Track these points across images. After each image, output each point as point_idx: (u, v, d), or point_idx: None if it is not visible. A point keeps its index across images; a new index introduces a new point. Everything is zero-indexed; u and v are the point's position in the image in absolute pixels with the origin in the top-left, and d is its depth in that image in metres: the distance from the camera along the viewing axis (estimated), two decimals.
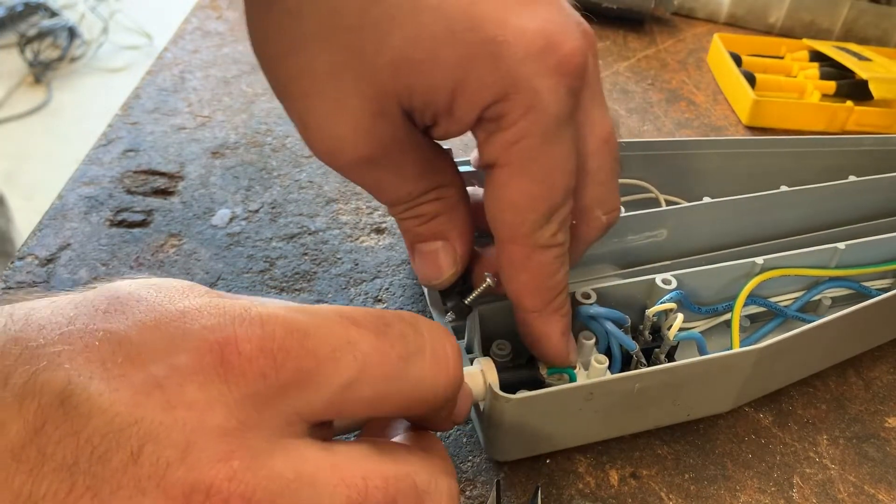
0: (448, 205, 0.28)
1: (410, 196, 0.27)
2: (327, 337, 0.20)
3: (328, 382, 0.19)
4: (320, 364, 0.19)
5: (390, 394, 0.20)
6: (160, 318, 0.19)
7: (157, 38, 2.06)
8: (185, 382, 0.18)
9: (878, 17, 0.68)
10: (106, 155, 0.45)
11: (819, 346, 0.35)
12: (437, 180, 0.27)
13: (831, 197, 0.42)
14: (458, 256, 0.29)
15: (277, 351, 0.19)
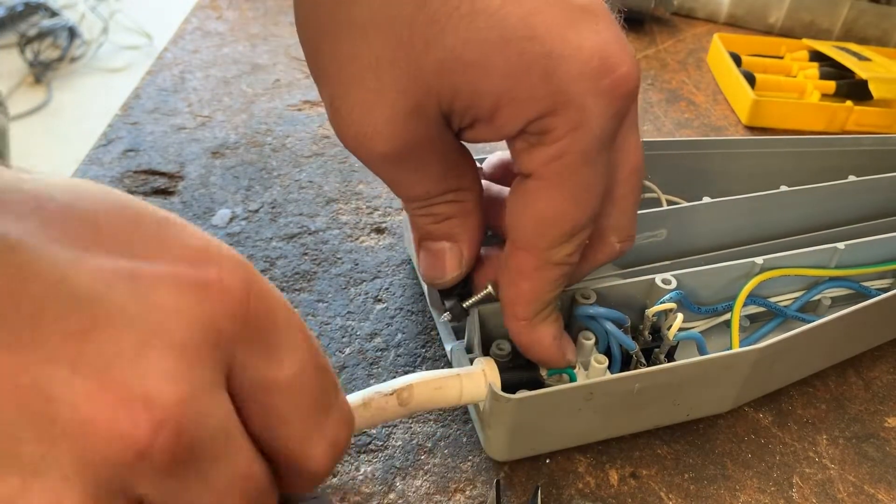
0: (463, 209, 0.28)
1: (428, 195, 0.27)
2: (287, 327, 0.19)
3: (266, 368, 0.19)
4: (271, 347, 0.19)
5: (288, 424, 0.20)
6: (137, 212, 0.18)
7: (157, 38, 2.06)
8: (161, 284, 0.17)
9: (878, 17, 0.68)
10: (106, 155, 0.45)
11: (819, 346, 0.35)
12: (457, 183, 0.27)
13: (831, 197, 0.42)
14: (463, 260, 0.29)
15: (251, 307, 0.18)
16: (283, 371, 0.19)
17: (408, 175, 0.26)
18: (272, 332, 0.19)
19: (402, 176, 0.27)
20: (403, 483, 0.30)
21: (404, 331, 0.37)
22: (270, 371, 0.19)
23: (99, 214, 0.17)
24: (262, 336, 0.19)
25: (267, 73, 0.55)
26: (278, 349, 0.19)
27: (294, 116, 0.51)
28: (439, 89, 0.23)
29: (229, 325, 0.18)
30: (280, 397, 0.19)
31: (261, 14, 0.63)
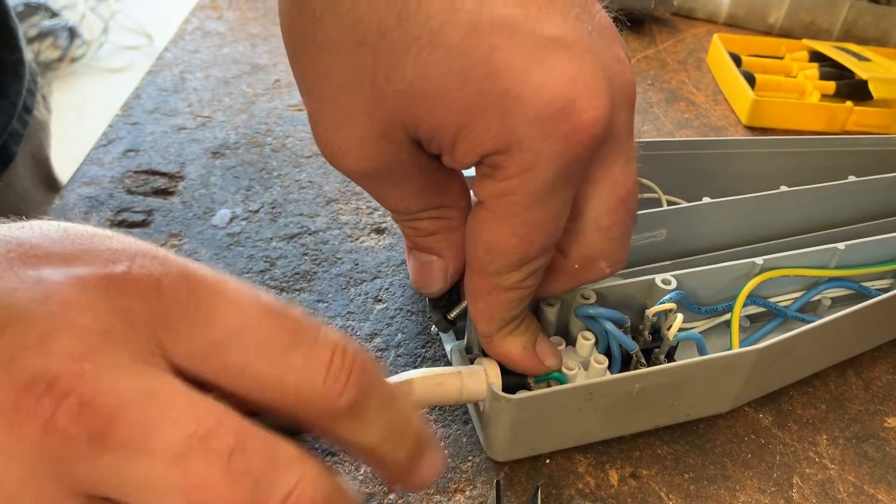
0: (447, 225, 0.28)
1: (409, 211, 0.28)
2: (220, 293, 0.19)
3: (202, 333, 0.19)
4: (201, 312, 0.19)
5: (259, 373, 0.19)
6: (69, 233, 0.20)
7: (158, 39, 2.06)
8: (67, 284, 0.18)
9: (877, 17, 0.68)
10: (106, 155, 0.46)
11: (819, 347, 0.35)
12: (440, 201, 0.27)
13: (831, 197, 0.42)
14: (448, 274, 0.29)
15: (166, 287, 0.19)
16: (219, 331, 0.19)
17: (387, 191, 0.27)
18: (198, 303, 0.19)
19: (381, 192, 0.27)
20: None
21: (404, 331, 0.37)
22: (207, 334, 0.19)
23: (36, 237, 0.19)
24: (186, 309, 0.19)
25: (267, 73, 0.55)
26: (210, 314, 0.19)
27: (294, 116, 0.51)
28: (403, 116, 0.23)
29: (141, 306, 0.19)
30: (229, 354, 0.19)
31: (261, 14, 0.63)
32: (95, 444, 0.17)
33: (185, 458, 0.17)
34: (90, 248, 0.19)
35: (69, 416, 0.17)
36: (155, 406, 0.18)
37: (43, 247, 0.19)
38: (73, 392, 0.17)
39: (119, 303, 0.18)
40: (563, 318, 0.33)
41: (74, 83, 1.93)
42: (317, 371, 0.19)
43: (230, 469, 0.17)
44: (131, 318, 0.18)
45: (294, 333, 0.20)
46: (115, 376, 0.18)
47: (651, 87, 0.60)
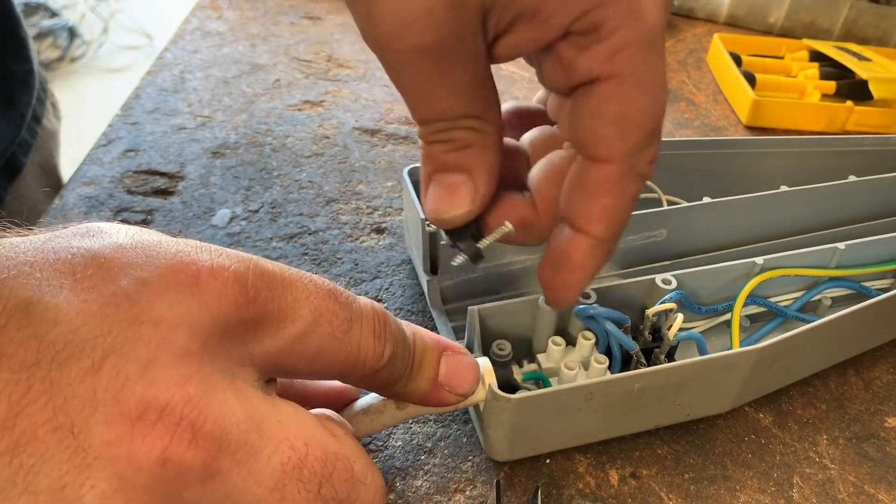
0: (484, 139, 0.26)
1: (448, 114, 0.25)
2: (291, 287, 0.21)
3: (287, 329, 0.20)
4: (284, 311, 0.20)
5: (330, 352, 0.21)
6: (136, 241, 0.20)
7: (158, 39, 2.06)
8: (155, 298, 0.18)
9: (878, 17, 0.68)
10: (106, 155, 0.45)
11: (819, 346, 0.35)
12: (480, 108, 0.25)
13: (831, 197, 0.42)
14: (478, 195, 0.26)
15: (251, 286, 0.20)
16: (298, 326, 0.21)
17: (434, 82, 0.24)
18: (277, 301, 0.20)
19: (428, 82, 0.24)
20: (403, 483, 0.30)
21: None
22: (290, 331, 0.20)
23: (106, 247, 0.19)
24: (270, 309, 0.20)
25: (267, 73, 0.55)
26: (289, 311, 0.20)
27: (294, 116, 0.51)
28: None
29: (232, 310, 0.19)
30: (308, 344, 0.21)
31: (261, 14, 0.63)
32: (206, 472, 0.18)
33: (282, 488, 0.19)
34: (160, 251, 0.19)
35: (185, 444, 0.17)
36: (254, 429, 0.19)
37: (115, 258, 0.19)
38: (185, 419, 0.17)
39: (214, 314, 0.19)
40: (563, 318, 0.33)
41: (74, 83, 1.93)
42: (369, 340, 0.22)
43: (319, 497, 0.19)
44: (224, 330, 0.19)
45: (348, 310, 0.22)
46: (218, 400, 0.18)
47: None
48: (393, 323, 0.24)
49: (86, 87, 1.92)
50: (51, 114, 0.56)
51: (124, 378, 0.17)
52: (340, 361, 0.22)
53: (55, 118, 0.58)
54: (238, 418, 0.18)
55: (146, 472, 0.17)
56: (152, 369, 0.18)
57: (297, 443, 0.19)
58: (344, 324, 0.22)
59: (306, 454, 0.19)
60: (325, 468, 0.20)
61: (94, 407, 0.17)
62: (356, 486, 0.21)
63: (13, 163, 0.50)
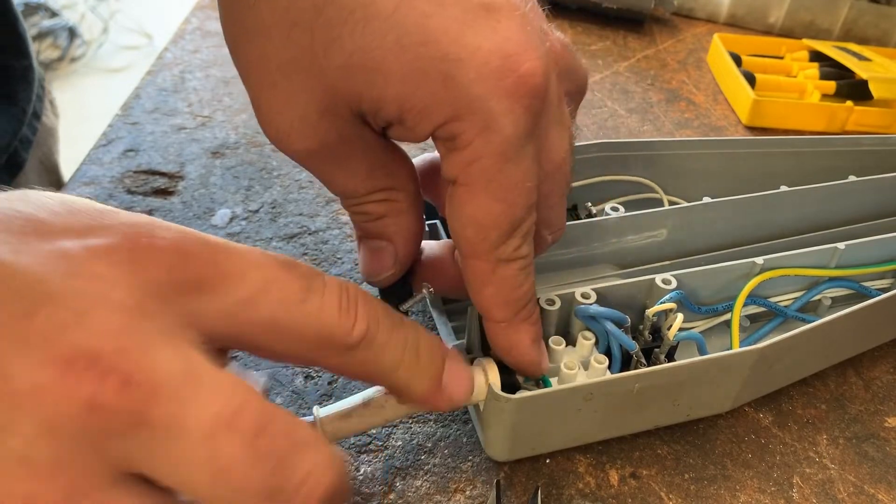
0: (396, 208, 0.28)
1: (357, 193, 0.27)
2: (237, 255, 0.21)
3: (230, 292, 0.20)
4: (226, 275, 0.20)
5: (285, 323, 0.21)
6: (77, 206, 0.20)
7: (157, 38, 2.06)
8: (93, 258, 0.19)
9: (878, 17, 0.68)
10: (106, 155, 0.45)
11: (819, 346, 0.35)
12: (387, 182, 0.27)
13: (831, 197, 0.42)
14: (397, 259, 0.29)
15: (189, 252, 0.20)
16: (245, 290, 0.21)
17: (333, 172, 0.27)
18: (221, 267, 0.20)
19: (327, 173, 0.27)
20: (403, 483, 0.30)
21: None
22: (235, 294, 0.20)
23: (40, 210, 0.19)
24: (212, 273, 0.20)
25: None
26: (234, 276, 0.20)
27: None
28: (345, 91, 0.23)
29: (168, 276, 0.19)
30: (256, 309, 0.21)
31: None
32: (135, 422, 0.18)
33: (213, 437, 0.18)
34: (102, 221, 0.20)
35: (113, 392, 0.17)
36: (188, 384, 0.18)
37: (52, 221, 0.19)
38: (116, 369, 0.17)
39: (147, 274, 0.19)
40: (563, 318, 0.33)
41: (74, 83, 1.93)
42: (331, 311, 0.22)
43: (254, 450, 0.19)
44: (161, 290, 0.19)
45: (307, 280, 0.22)
46: (152, 353, 0.18)
47: (651, 87, 0.60)
48: (371, 302, 0.23)
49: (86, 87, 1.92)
50: (49, 110, 0.57)
51: (58, 325, 0.17)
52: (300, 332, 0.21)
53: (54, 115, 0.58)
54: (172, 371, 0.18)
55: (73, 419, 0.17)
56: (87, 319, 0.18)
57: (233, 399, 0.19)
58: (300, 292, 0.21)
59: (242, 407, 0.19)
60: (261, 420, 0.19)
61: (25, 351, 0.17)
62: (297, 446, 0.20)
63: (15, 159, 0.50)
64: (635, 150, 0.41)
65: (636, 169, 0.41)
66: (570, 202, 0.41)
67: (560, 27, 0.66)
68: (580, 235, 0.37)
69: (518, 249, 0.26)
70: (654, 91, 0.59)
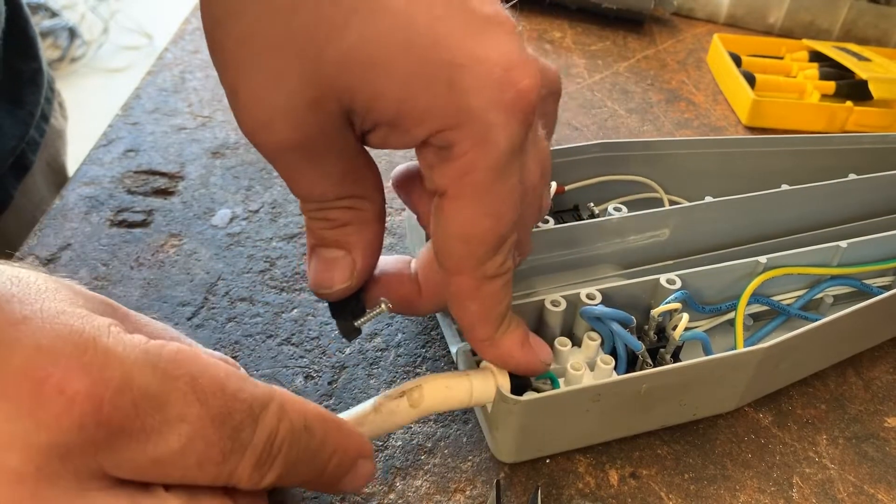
0: (361, 217, 0.27)
1: (324, 197, 0.26)
2: (164, 406, 0.19)
3: (144, 452, 0.19)
4: (144, 431, 0.19)
5: (193, 480, 0.20)
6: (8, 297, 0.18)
7: (158, 39, 2.06)
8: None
9: (877, 18, 0.68)
10: (106, 155, 0.45)
11: (823, 345, 0.35)
12: (356, 190, 0.26)
13: (832, 195, 0.42)
14: (356, 271, 0.27)
15: (107, 404, 0.18)
16: (160, 450, 0.19)
17: (305, 171, 0.25)
18: (140, 421, 0.19)
19: (298, 171, 0.25)
20: (403, 483, 0.30)
21: (404, 331, 0.37)
22: (148, 453, 0.19)
23: None
24: (129, 429, 0.19)
25: None
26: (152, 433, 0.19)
27: None
28: (340, 84, 0.22)
29: (76, 437, 0.18)
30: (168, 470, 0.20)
31: None
32: None
33: None
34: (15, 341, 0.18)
35: None
36: None
37: None
38: None
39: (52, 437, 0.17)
40: (568, 319, 0.33)
41: (74, 83, 1.93)
42: (244, 471, 0.21)
43: None
44: (65, 451, 0.18)
45: (233, 439, 0.21)
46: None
47: (651, 87, 0.60)
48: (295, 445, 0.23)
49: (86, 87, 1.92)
50: (58, 112, 0.56)
51: None
52: (208, 486, 0.21)
53: (62, 117, 0.58)
54: None
55: None
56: None
57: None
58: (219, 454, 0.20)
59: None
60: None
61: None
62: None
63: (22, 161, 0.50)
64: (635, 150, 0.41)
65: (636, 169, 0.41)
66: (571, 202, 0.41)
67: (560, 27, 0.66)
68: (583, 236, 0.37)
69: (503, 265, 0.25)
70: (653, 91, 0.59)
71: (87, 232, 0.40)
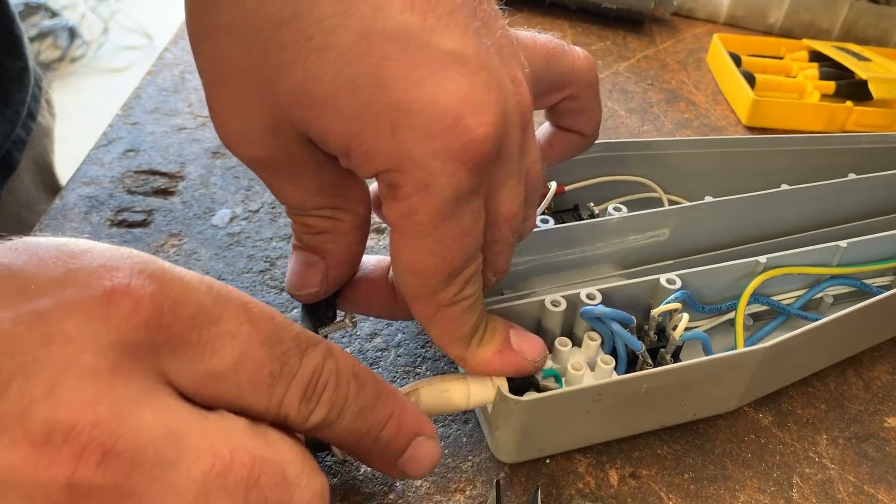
0: (339, 227, 0.27)
1: (302, 206, 0.26)
2: (218, 322, 0.20)
3: (201, 361, 0.20)
4: (201, 342, 0.20)
5: (248, 403, 0.21)
6: (60, 255, 0.19)
7: (158, 39, 2.06)
8: (67, 317, 0.18)
9: (877, 17, 0.68)
10: (106, 155, 0.45)
11: (823, 344, 0.35)
12: (336, 202, 0.26)
13: (832, 195, 0.42)
14: (327, 279, 0.28)
15: (167, 310, 0.19)
16: (216, 363, 0.20)
17: (279, 183, 0.26)
18: (198, 333, 0.20)
19: (273, 182, 0.26)
20: (403, 483, 0.30)
21: (404, 331, 0.37)
22: (206, 365, 0.20)
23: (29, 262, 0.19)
24: (188, 338, 0.19)
25: None
26: (209, 346, 0.20)
27: None
28: (293, 115, 0.23)
29: (143, 335, 0.19)
30: (223, 385, 0.20)
31: None
32: (120, 493, 0.17)
33: (206, 496, 0.18)
34: (83, 267, 0.19)
35: (93, 467, 0.17)
36: (171, 445, 0.18)
37: (35, 274, 0.19)
38: (93, 441, 0.17)
39: (121, 332, 0.18)
40: (568, 320, 0.33)
41: (74, 83, 1.93)
42: (292, 400, 0.21)
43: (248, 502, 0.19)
44: (135, 349, 0.19)
45: (282, 363, 0.21)
46: (129, 418, 0.18)
47: (651, 87, 0.60)
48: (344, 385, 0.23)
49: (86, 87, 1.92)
50: (45, 111, 0.56)
51: (29, 401, 0.17)
52: (260, 412, 0.21)
53: (50, 115, 0.58)
54: (153, 434, 0.18)
55: (54, 498, 0.17)
56: (58, 391, 0.17)
57: (221, 450, 0.19)
58: (269, 377, 0.21)
59: (231, 460, 0.19)
60: (252, 472, 0.19)
61: (1, 431, 0.17)
62: (288, 489, 0.20)
63: (8, 160, 0.50)
64: (635, 150, 0.41)
65: (636, 169, 0.41)
66: (571, 202, 0.41)
67: (560, 27, 0.66)
68: (582, 236, 0.37)
69: (459, 294, 0.25)
70: (653, 91, 0.59)
71: (87, 232, 0.40)
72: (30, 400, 0.17)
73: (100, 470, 0.17)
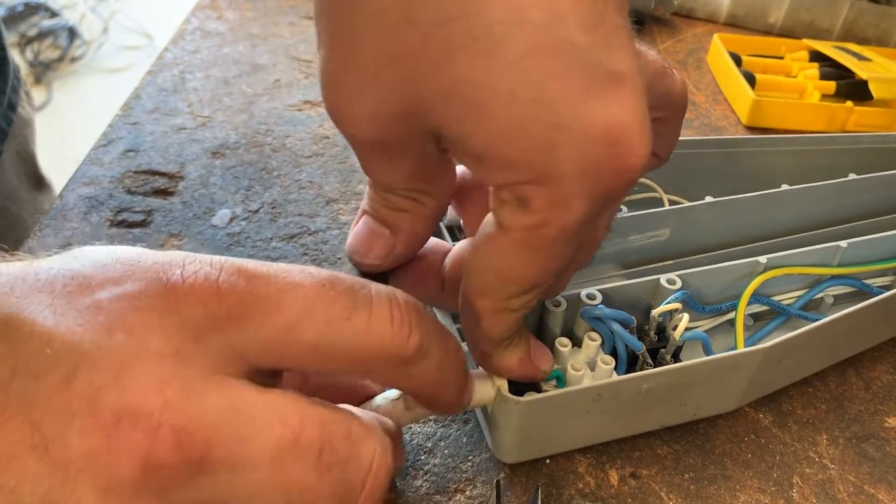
0: (419, 210, 0.27)
1: (391, 186, 0.26)
2: (274, 279, 0.20)
3: (270, 321, 0.20)
4: (263, 302, 0.20)
5: (332, 343, 0.21)
6: (116, 258, 0.20)
7: (158, 39, 2.06)
8: (127, 307, 0.19)
9: (878, 17, 0.68)
10: (106, 155, 0.45)
11: (823, 345, 0.35)
12: (424, 186, 0.26)
13: (832, 195, 0.42)
14: (393, 254, 0.27)
15: (222, 283, 0.20)
16: (286, 315, 0.20)
17: (377, 163, 0.25)
18: (259, 294, 0.20)
19: (371, 162, 0.26)
20: (403, 483, 0.30)
21: None
22: (277, 321, 0.20)
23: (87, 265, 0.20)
24: (250, 302, 0.20)
25: (267, 73, 0.55)
26: (274, 301, 0.20)
27: (294, 116, 0.51)
28: (435, 111, 0.22)
29: (204, 313, 0.19)
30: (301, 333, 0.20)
31: (261, 14, 0.63)
32: (195, 469, 0.18)
33: (280, 463, 0.19)
34: (138, 264, 0.20)
35: (167, 449, 0.17)
36: (242, 420, 0.19)
37: (94, 274, 0.19)
38: (165, 423, 0.18)
39: (182, 316, 0.19)
40: (568, 320, 0.33)
41: (74, 83, 1.93)
42: (383, 326, 0.21)
43: (321, 464, 0.19)
44: (198, 330, 0.19)
45: (352, 297, 0.21)
46: (198, 399, 0.18)
47: None
48: (422, 312, 0.22)
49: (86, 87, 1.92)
50: (25, 102, 0.56)
51: (96, 388, 0.17)
52: (350, 351, 0.21)
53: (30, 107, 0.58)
54: (222, 412, 0.18)
55: (131, 480, 0.17)
56: (125, 377, 0.18)
57: (290, 419, 0.19)
58: (344, 310, 0.21)
59: (301, 426, 0.19)
60: (323, 434, 0.20)
61: (70, 419, 0.17)
62: (356, 444, 0.20)
63: None
64: None
65: None
66: None
67: None
68: None
69: (527, 303, 0.25)
70: None
71: (86, 232, 0.40)
72: (97, 387, 0.17)
73: (175, 450, 0.18)
